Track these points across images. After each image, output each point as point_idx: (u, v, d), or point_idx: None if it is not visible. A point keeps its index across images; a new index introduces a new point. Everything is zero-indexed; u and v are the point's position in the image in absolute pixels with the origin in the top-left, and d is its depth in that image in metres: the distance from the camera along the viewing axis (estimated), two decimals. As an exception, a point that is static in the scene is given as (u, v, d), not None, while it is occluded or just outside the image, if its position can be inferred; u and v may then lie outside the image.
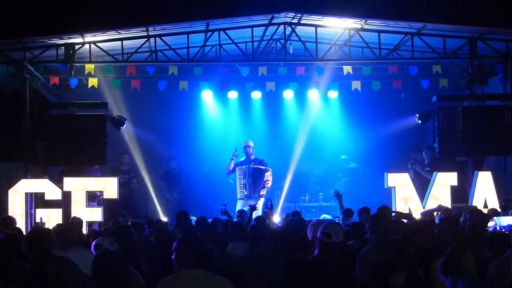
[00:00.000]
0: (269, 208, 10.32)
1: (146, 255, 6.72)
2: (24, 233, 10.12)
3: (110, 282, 4.48)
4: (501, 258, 4.68)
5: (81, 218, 10.58)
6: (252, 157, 13.09)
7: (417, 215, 10.37)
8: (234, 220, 9.78)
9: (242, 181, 12.84)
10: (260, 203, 12.46)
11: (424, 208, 10.91)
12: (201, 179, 15.34)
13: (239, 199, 12.83)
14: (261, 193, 12.74)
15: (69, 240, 6.75)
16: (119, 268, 4.58)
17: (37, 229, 7.48)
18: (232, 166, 13.10)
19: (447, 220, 6.11)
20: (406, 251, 5.28)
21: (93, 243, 5.81)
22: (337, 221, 9.36)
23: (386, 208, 8.36)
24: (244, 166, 12.92)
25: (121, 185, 13.35)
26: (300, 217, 9.21)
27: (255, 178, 12.79)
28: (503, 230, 6.09)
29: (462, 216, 7.69)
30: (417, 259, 4.86)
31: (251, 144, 13.22)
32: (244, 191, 12.77)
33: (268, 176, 12.87)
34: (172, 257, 4.70)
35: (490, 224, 6.32)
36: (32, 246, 5.94)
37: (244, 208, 11.31)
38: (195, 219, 9.68)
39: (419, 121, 12.48)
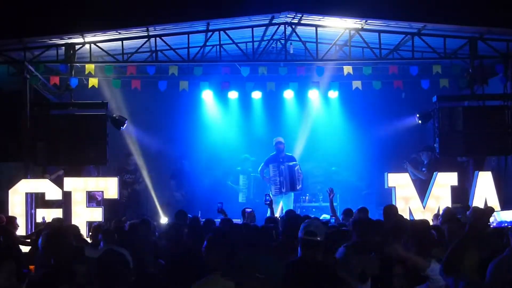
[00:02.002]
0: (268, 204, 10.30)
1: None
2: (24, 233, 10.18)
3: (113, 281, 4.48)
4: (501, 256, 4.67)
5: (81, 218, 10.73)
6: (283, 154, 13.45)
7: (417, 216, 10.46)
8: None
9: (277, 178, 13.24)
10: (291, 196, 13.26)
11: (424, 208, 10.93)
12: (201, 178, 15.33)
13: (274, 195, 13.04)
14: (298, 188, 13.26)
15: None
16: (123, 268, 4.58)
17: (62, 227, 7.40)
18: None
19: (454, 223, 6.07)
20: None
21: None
22: (332, 220, 9.32)
23: (391, 207, 8.37)
24: (279, 165, 13.28)
25: (127, 184, 13.42)
26: (295, 214, 9.07)
27: (291, 176, 13.19)
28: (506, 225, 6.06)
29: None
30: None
31: (283, 140, 13.57)
32: (282, 188, 13.17)
33: (299, 170, 13.31)
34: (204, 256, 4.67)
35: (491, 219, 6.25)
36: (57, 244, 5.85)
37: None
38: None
39: (420, 121, 12.48)
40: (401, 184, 11.22)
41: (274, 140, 13.65)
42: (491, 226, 4.20)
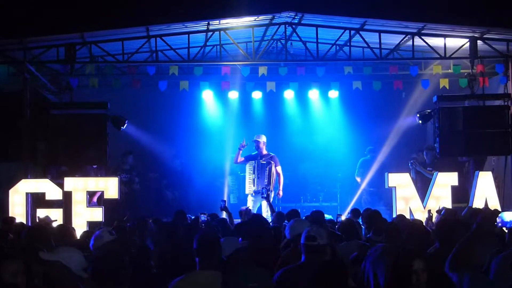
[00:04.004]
0: (265, 197, 10.28)
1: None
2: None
3: (110, 282, 4.47)
4: (504, 254, 4.70)
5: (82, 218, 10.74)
6: (264, 152, 13.04)
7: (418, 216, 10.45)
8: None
9: (251, 176, 12.93)
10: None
11: (424, 208, 10.91)
12: (201, 178, 15.32)
13: (249, 194, 12.91)
14: (267, 187, 12.71)
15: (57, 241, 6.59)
16: (120, 268, 4.57)
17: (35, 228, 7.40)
18: (239, 157, 13.12)
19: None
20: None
21: (94, 236, 5.77)
22: (340, 219, 9.29)
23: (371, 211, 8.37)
24: (253, 162, 13.00)
25: (123, 184, 13.40)
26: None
27: (261, 174, 12.85)
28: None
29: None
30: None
31: (261, 139, 13.07)
32: (252, 186, 12.84)
33: (271, 169, 12.79)
34: (196, 258, 4.73)
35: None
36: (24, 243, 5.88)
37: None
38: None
39: (420, 121, 12.47)
40: (401, 184, 11.20)
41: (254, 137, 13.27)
42: (497, 226, 4.23)
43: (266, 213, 11.57)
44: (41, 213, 10.51)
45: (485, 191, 10.97)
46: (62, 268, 4.88)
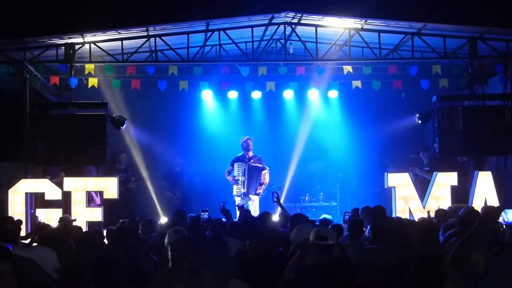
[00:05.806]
0: (276, 201, 10.27)
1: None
2: (24, 233, 10.18)
3: (110, 282, 4.48)
4: (505, 254, 4.69)
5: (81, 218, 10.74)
6: (251, 154, 12.92)
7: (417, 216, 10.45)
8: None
9: (240, 178, 12.76)
10: (256, 200, 12.64)
11: (424, 208, 10.92)
12: (201, 178, 15.32)
13: (236, 195, 12.78)
14: (257, 192, 12.72)
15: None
16: (119, 268, 4.59)
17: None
18: (229, 177, 13.04)
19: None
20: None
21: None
22: (347, 217, 9.25)
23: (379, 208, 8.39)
24: (243, 164, 12.82)
25: (119, 184, 13.37)
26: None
27: (253, 176, 12.72)
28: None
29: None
30: None
31: (251, 141, 13.02)
32: (242, 188, 12.71)
33: (265, 174, 12.77)
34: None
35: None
36: None
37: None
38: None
39: (419, 121, 12.46)
40: (401, 184, 11.21)
41: (241, 139, 13.16)
42: (502, 224, 4.22)
43: (254, 214, 11.60)
44: (40, 213, 10.54)
45: (485, 191, 10.99)
46: (34, 266, 4.85)
